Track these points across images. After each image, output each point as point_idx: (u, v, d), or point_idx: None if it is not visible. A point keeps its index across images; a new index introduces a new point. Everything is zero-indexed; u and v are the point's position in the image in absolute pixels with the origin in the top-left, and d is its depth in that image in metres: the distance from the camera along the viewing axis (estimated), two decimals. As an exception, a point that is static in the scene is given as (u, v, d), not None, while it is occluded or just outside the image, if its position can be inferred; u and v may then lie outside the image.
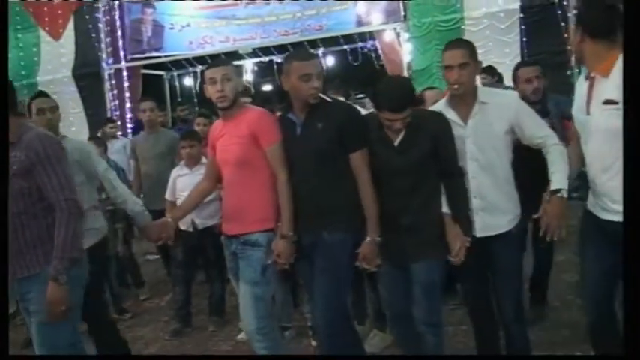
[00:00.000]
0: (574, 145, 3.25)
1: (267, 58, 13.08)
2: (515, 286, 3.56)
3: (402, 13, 10.55)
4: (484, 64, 4.54)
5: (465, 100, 3.42)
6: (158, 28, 12.31)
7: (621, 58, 2.89)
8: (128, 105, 12.13)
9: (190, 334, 5.34)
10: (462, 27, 9.90)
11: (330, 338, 3.56)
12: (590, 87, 3.05)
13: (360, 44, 12.71)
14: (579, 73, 4.85)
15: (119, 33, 12.26)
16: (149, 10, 12.31)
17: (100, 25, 12.09)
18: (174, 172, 5.39)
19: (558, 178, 3.20)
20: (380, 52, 11.30)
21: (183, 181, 5.26)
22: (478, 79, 3.65)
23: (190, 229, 5.15)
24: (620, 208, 2.87)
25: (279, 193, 3.52)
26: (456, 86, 3.36)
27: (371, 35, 11.84)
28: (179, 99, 13.07)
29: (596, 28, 3.03)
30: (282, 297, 4.83)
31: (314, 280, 3.58)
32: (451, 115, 3.45)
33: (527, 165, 3.44)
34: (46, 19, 12.28)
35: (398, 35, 10.73)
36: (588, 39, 3.04)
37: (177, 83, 14.51)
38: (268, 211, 3.56)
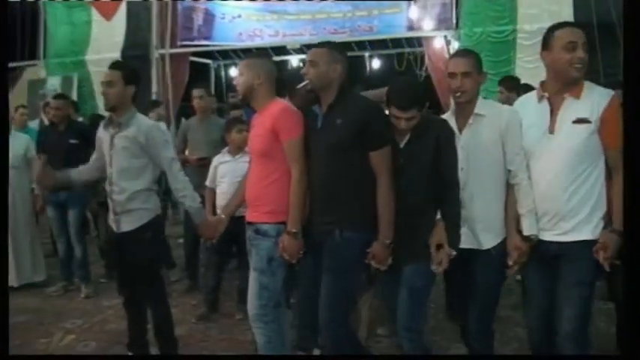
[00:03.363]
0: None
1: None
2: (485, 307, 3.56)
3: (455, 21, 10.47)
4: (536, 80, 4.44)
5: (464, 110, 3.49)
6: (209, 17, 12.37)
7: (588, 84, 3.23)
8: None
9: (217, 320, 5.39)
10: (515, 39, 9.79)
11: (334, 335, 3.55)
12: (554, 107, 3.26)
13: (408, 49, 12.63)
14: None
15: (170, 18, 12.30)
16: (202, -1, 12.41)
17: (153, 9, 12.15)
18: (217, 159, 5.39)
19: (529, 224, 3.32)
20: (427, 59, 11.18)
21: (224, 168, 5.27)
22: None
23: (227, 216, 5.15)
24: (572, 225, 3.18)
25: (291, 188, 3.55)
26: (458, 94, 3.43)
27: (419, 42, 11.76)
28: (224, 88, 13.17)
29: None
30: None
31: (320, 277, 3.56)
32: (452, 124, 3.50)
33: None
34: (99, -2, 12.42)
35: (448, 43, 10.58)
36: None
37: (223, 73, 14.60)
38: (283, 204, 3.58)
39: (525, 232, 3.31)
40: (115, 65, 4.25)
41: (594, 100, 3.17)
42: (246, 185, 3.83)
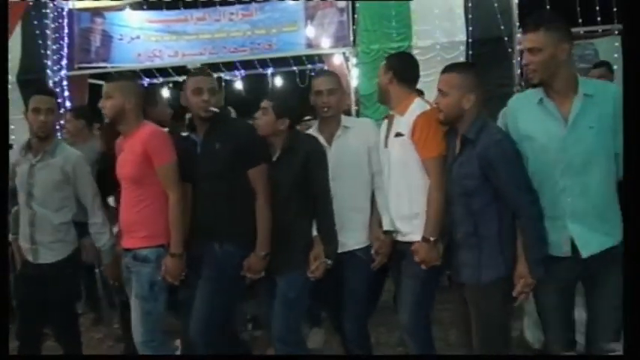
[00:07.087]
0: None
1: (215, 75, 12.96)
2: (358, 308, 3.81)
3: (351, 39, 10.69)
4: (431, 92, 4.75)
5: (329, 124, 3.80)
6: (107, 38, 12.14)
7: (417, 101, 3.56)
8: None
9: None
10: (410, 55, 9.99)
11: (208, 345, 3.60)
12: (389, 124, 3.64)
13: (309, 66, 12.79)
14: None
15: (67, 41, 12.01)
16: (99, 20, 12.15)
17: (48, 32, 11.81)
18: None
19: (387, 221, 3.68)
20: (328, 75, 11.31)
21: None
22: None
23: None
24: (404, 228, 3.51)
25: (169, 212, 3.56)
26: (325, 109, 3.74)
27: (319, 58, 11.96)
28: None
29: (404, 75, 3.64)
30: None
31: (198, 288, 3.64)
32: (319, 138, 3.77)
33: None
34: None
35: (346, 60, 10.85)
36: (396, 82, 3.62)
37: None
38: (159, 228, 3.61)
39: (385, 228, 3.65)
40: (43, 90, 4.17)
41: (411, 117, 3.49)
42: (120, 211, 3.79)
